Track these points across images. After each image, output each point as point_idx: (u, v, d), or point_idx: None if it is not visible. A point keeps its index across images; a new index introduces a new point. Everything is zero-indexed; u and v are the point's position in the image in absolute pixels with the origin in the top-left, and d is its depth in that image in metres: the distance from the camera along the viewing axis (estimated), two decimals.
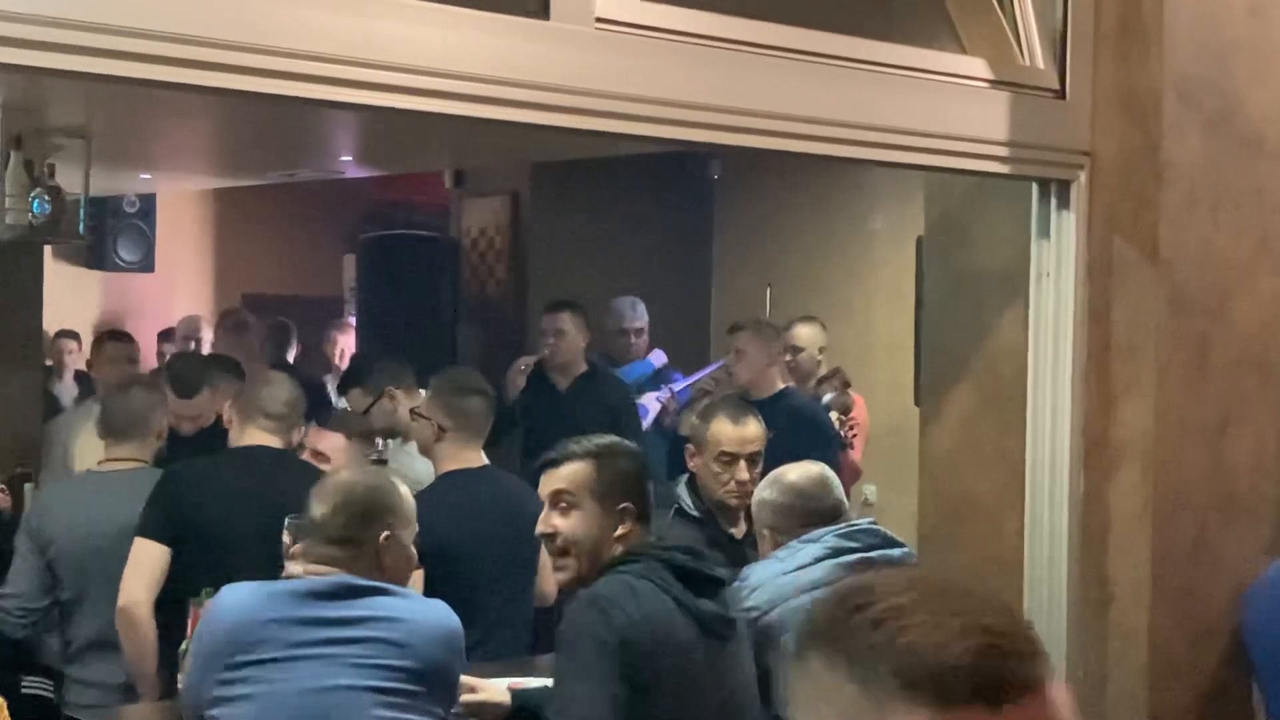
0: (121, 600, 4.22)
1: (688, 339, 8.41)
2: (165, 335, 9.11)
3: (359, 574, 3.19)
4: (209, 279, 10.69)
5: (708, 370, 7.57)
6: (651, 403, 7.20)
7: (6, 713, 3.30)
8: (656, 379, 7.41)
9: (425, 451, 4.69)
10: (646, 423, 7.05)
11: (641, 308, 7.41)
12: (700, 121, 2.62)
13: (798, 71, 2.74)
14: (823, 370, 7.12)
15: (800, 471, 4.03)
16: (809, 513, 3.84)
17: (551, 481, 3.40)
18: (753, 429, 4.60)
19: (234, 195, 9.92)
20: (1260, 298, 3.23)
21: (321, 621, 3.09)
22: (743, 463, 4.53)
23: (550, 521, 3.39)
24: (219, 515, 4.22)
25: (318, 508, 3.26)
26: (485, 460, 4.71)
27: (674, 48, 2.55)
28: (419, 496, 4.55)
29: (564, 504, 3.39)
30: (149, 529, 4.22)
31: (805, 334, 7.06)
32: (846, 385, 6.94)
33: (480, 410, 4.70)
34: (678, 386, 7.46)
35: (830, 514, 3.87)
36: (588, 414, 6.55)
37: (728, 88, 2.62)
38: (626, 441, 3.61)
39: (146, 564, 4.20)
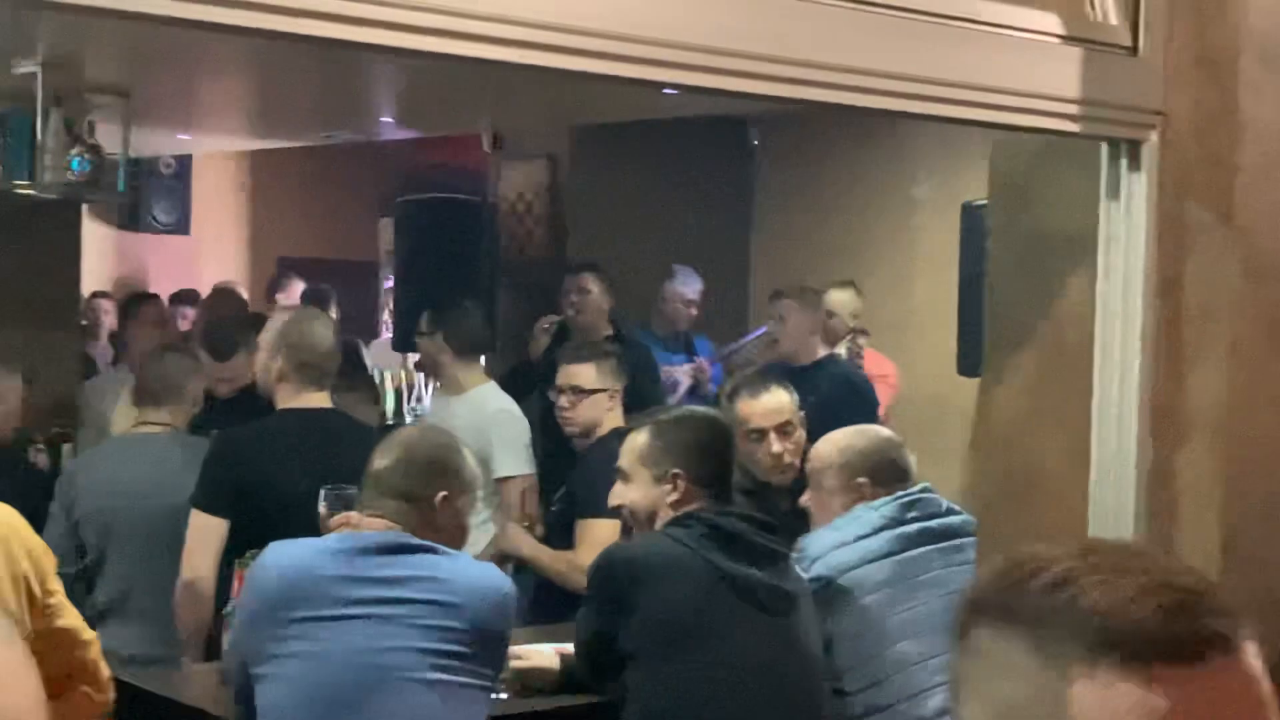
0: (187, 575, 4.15)
1: (727, 305, 8.33)
2: (179, 298, 8.97)
3: (411, 531, 3.13)
4: (244, 242, 10.63)
5: (748, 339, 7.49)
6: (682, 376, 7.13)
7: None
8: (683, 350, 7.34)
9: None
10: (680, 394, 6.97)
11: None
12: (767, 74, 2.55)
13: (866, 24, 2.66)
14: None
15: (876, 430, 3.97)
16: (900, 468, 3.78)
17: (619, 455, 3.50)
18: (774, 399, 4.51)
19: (270, 158, 9.85)
20: None
21: (373, 580, 3.03)
22: (772, 435, 4.46)
23: (617, 493, 3.48)
24: (273, 482, 4.15)
25: (379, 460, 3.20)
26: None
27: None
28: None
29: (625, 476, 3.45)
30: (205, 501, 4.15)
31: (839, 299, 7.00)
32: (860, 341, 6.92)
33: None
34: (708, 356, 7.40)
35: (908, 473, 3.82)
36: None
37: (796, 40, 2.54)
38: (700, 410, 3.63)
39: (207, 537, 4.13)
